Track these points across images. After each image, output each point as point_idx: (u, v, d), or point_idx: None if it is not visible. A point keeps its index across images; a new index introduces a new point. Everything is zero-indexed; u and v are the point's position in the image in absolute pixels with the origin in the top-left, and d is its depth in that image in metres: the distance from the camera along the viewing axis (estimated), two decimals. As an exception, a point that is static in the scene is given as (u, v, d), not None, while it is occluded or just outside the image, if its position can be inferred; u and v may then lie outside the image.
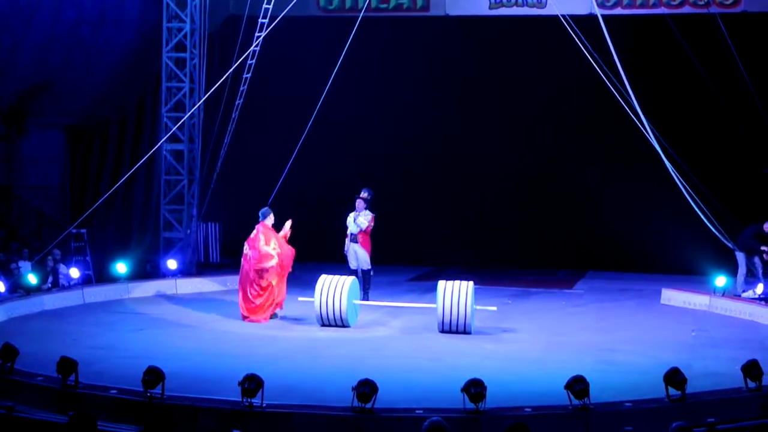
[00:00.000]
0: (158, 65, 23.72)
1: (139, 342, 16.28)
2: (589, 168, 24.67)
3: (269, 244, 18.19)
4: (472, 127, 25.44)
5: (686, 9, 22.61)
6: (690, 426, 8.63)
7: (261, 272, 18.13)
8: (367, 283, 19.77)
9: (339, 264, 20.19)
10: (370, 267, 19.84)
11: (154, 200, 24.29)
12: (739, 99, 21.25)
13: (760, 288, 19.85)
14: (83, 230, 21.42)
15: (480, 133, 25.40)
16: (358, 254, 19.78)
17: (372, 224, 19.83)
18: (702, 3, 22.13)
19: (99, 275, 21.68)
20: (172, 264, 22.14)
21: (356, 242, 19.76)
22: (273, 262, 18.16)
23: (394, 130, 25.24)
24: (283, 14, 20.08)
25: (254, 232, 18.36)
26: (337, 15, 24.11)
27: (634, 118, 18.71)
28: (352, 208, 19.93)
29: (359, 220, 19.74)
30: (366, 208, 19.83)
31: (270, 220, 18.49)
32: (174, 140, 23.15)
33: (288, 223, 18.74)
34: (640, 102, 19.52)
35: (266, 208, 18.65)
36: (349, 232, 19.80)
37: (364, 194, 19.96)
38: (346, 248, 19.87)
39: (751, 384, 12.58)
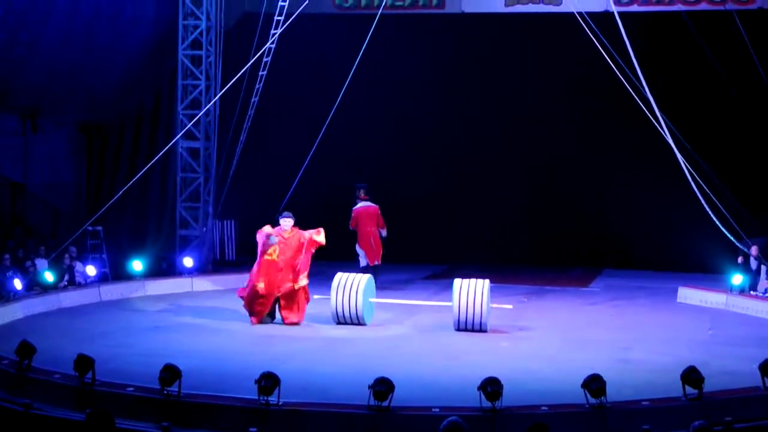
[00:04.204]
0: (174, 62, 23.73)
1: (155, 340, 16.32)
2: (605, 166, 24.60)
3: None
4: (488, 124, 25.39)
5: (703, 6, 22.49)
6: (710, 425, 8.60)
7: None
8: (378, 270, 20.91)
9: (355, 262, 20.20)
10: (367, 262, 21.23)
11: (170, 198, 24.30)
12: (756, 96, 21.17)
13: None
14: (99, 227, 21.46)
15: (496, 131, 25.35)
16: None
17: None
18: (718, 0, 22.05)
19: (115, 273, 21.72)
20: (188, 262, 22.17)
21: None
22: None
23: (409, 127, 25.22)
24: (298, 11, 20.07)
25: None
26: (353, 12, 24.08)
27: (650, 116, 18.61)
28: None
29: None
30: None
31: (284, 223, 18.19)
32: (190, 137, 23.16)
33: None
34: (656, 99, 19.45)
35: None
36: None
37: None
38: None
39: (769, 382, 12.56)
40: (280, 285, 17.70)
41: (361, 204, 21.42)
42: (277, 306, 17.90)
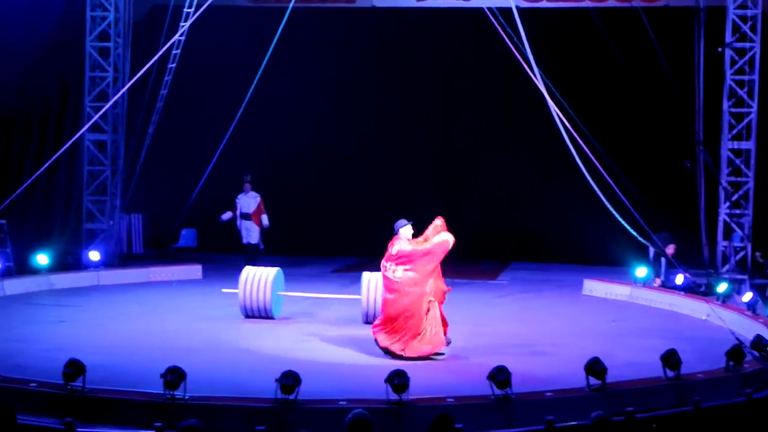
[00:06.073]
0: (82, 54, 23.42)
1: (60, 334, 16.09)
2: (512, 159, 24.85)
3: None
4: (398, 117, 25.46)
5: (610, 2, 22.84)
6: (608, 416, 8.77)
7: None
8: (256, 255, 21.58)
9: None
10: (258, 242, 21.89)
11: (77, 191, 23.99)
12: (660, 92, 21.51)
13: (679, 278, 20.16)
14: (3, 221, 21.10)
15: (406, 124, 25.45)
16: (251, 230, 21.69)
17: (261, 204, 21.81)
18: (625, -3, 22.42)
19: (19, 267, 21.36)
20: (94, 255, 21.89)
21: (249, 220, 21.67)
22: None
23: (320, 121, 25.18)
24: (208, 3, 19.90)
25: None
26: (264, 5, 23.96)
27: (554, 111, 18.79)
28: (274, 197, 21.96)
29: (250, 201, 21.73)
30: (252, 190, 21.78)
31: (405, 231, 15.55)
32: (97, 130, 22.89)
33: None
34: (564, 95, 19.70)
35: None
36: (243, 212, 21.71)
37: (248, 178, 21.92)
38: (239, 223, 21.83)
39: (670, 373, 12.83)
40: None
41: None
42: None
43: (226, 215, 21.86)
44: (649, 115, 22.47)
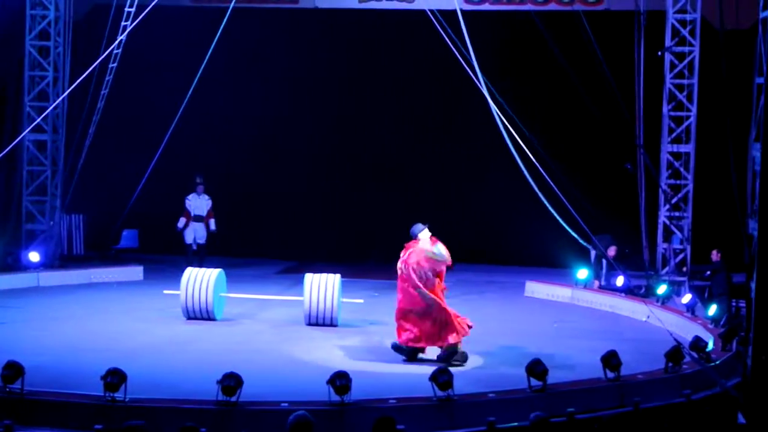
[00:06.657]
0: (21, 53, 23.15)
1: (-1, 336, 15.94)
2: (455, 161, 24.93)
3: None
4: (340, 120, 25.44)
5: (552, 6, 23.00)
6: (548, 416, 8.84)
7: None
8: (203, 255, 22.42)
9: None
10: (204, 242, 22.69)
11: (16, 191, 23.69)
12: (601, 95, 21.66)
13: (620, 280, 20.34)
14: (-59, 222, 20.84)
15: (347, 126, 25.42)
16: (199, 230, 22.50)
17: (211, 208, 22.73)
18: (566, 0, 22.56)
19: (-42, 268, 21.12)
20: (34, 256, 21.65)
21: (201, 222, 22.55)
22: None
23: (263, 120, 25.08)
24: (152, 5, 19.72)
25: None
26: (207, 5, 23.86)
27: (497, 114, 18.87)
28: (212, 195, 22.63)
29: (202, 203, 22.63)
30: (204, 192, 22.70)
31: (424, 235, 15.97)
32: (37, 130, 22.61)
33: None
34: (507, 98, 19.79)
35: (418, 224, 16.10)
36: (195, 213, 22.50)
37: (200, 180, 22.72)
38: (181, 225, 22.44)
39: (610, 374, 12.96)
40: None
41: None
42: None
43: (182, 222, 22.40)
44: (590, 118, 22.58)
